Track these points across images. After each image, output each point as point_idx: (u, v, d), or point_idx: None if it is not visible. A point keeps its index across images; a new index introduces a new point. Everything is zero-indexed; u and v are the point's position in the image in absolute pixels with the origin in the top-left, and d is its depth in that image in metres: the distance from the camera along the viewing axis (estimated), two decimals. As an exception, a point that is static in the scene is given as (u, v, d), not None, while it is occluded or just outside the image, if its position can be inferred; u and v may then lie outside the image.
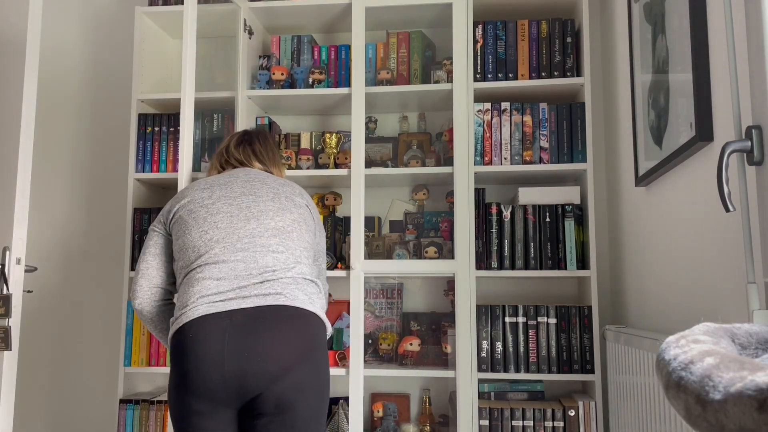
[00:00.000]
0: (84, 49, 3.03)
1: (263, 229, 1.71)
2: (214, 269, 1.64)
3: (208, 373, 1.53)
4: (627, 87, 2.25)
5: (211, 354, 1.53)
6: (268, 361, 1.53)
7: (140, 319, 1.98)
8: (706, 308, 1.52)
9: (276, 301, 1.60)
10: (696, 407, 0.60)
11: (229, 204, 1.74)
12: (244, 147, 1.98)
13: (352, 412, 2.32)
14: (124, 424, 2.46)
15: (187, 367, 1.55)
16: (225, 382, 1.53)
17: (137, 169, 2.62)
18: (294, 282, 1.66)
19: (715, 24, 1.45)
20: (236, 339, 1.54)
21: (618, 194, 2.42)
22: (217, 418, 1.56)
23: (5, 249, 1.84)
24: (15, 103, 1.91)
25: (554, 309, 2.34)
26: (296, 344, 1.57)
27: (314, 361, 1.60)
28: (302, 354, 1.57)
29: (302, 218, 1.80)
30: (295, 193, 1.85)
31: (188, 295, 1.63)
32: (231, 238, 1.68)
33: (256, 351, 1.53)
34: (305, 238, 1.78)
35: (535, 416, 2.27)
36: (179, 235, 1.74)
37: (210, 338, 1.54)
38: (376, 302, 2.62)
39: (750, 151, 1.22)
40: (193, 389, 1.54)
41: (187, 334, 1.57)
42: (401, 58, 2.62)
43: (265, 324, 1.56)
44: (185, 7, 2.20)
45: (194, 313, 1.59)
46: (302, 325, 1.60)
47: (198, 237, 1.70)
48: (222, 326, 1.55)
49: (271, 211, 1.75)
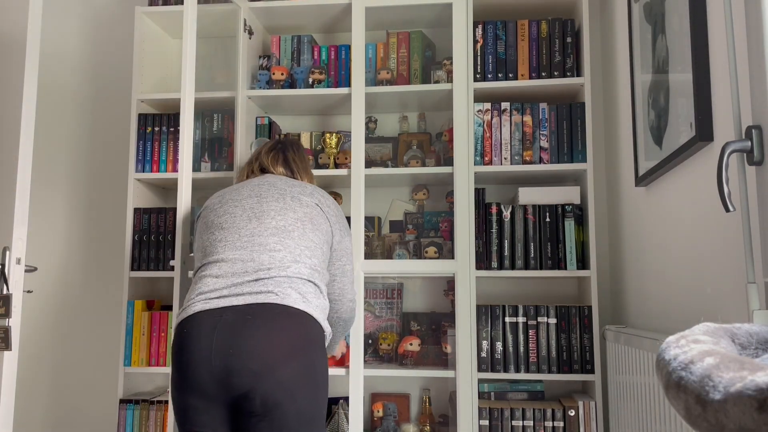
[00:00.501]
0: (84, 49, 3.03)
1: (263, 228, 1.72)
2: (215, 267, 1.68)
3: (198, 369, 1.55)
4: (627, 87, 2.25)
5: (201, 350, 1.55)
6: (252, 358, 1.52)
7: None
8: (706, 308, 1.52)
9: (267, 299, 1.60)
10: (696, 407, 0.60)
11: (234, 206, 1.78)
12: (275, 153, 2.02)
13: (352, 412, 2.32)
14: (124, 424, 2.46)
15: (181, 362, 1.58)
16: (212, 378, 1.54)
17: (137, 169, 2.62)
18: (288, 281, 1.65)
19: (715, 24, 1.45)
20: (223, 336, 1.55)
21: (618, 194, 2.42)
22: (210, 414, 1.57)
23: (5, 249, 1.84)
24: (15, 103, 1.91)
25: (554, 309, 2.34)
26: (283, 343, 1.55)
27: (304, 361, 1.58)
28: (290, 353, 1.56)
29: (308, 217, 1.78)
30: (305, 192, 1.83)
31: (191, 292, 1.69)
32: (232, 237, 1.71)
33: (241, 348, 1.53)
34: (309, 236, 1.76)
35: (535, 416, 2.27)
36: (196, 239, 1.85)
37: (201, 335, 1.56)
38: (376, 302, 2.62)
39: (750, 151, 1.21)
40: (186, 385, 1.57)
41: (182, 330, 1.61)
42: (401, 58, 2.62)
43: (253, 321, 1.56)
44: (185, 7, 2.20)
45: (191, 309, 1.62)
46: (291, 323, 1.59)
47: (206, 238, 1.77)
48: (213, 323, 1.57)
49: (273, 210, 1.75)
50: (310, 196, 1.83)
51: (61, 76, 3.03)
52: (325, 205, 1.85)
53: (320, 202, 1.85)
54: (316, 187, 1.90)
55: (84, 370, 2.88)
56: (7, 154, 1.90)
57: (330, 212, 1.86)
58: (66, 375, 2.88)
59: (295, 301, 1.63)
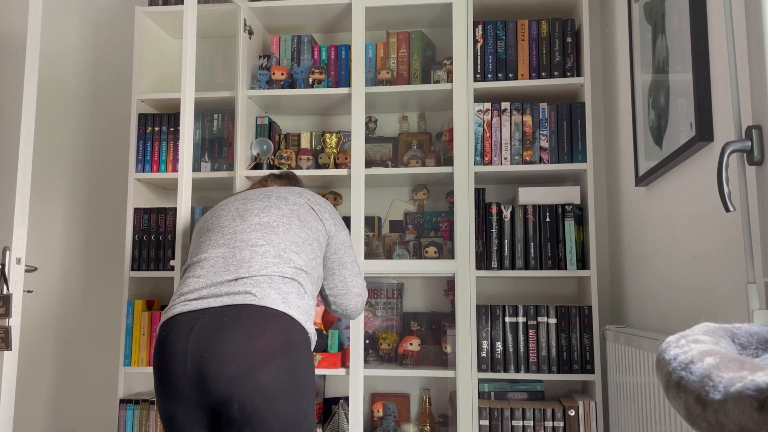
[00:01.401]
0: (84, 49, 3.03)
1: (246, 226, 1.69)
2: (197, 267, 1.66)
3: (174, 373, 1.51)
4: (627, 87, 2.25)
5: (177, 354, 1.51)
6: (227, 361, 1.46)
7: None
8: (706, 308, 1.52)
9: (244, 300, 1.54)
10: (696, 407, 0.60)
11: (221, 210, 1.80)
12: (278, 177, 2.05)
13: (352, 412, 2.32)
14: (124, 424, 2.46)
15: (160, 367, 1.55)
16: (188, 383, 1.50)
17: (137, 169, 2.62)
18: (268, 280, 1.59)
19: (715, 24, 1.45)
20: (198, 339, 1.50)
21: (618, 194, 2.42)
22: (190, 419, 1.53)
23: (5, 249, 1.84)
24: (15, 103, 1.91)
25: (554, 309, 2.34)
26: (261, 346, 1.48)
27: (283, 365, 1.50)
28: (268, 356, 1.48)
29: (294, 214, 1.73)
30: (294, 193, 1.81)
31: (173, 295, 1.68)
32: (215, 236, 1.71)
33: (216, 351, 1.47)
34: (295, 232, 1.70)
35: (535, 416, 2.27)
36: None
37: (178, 338, 1.53)
38: (376, 302, 2.62)
39: (750, 151, 1.21)
40: (165, 390, 1.54)
41: (162, 333, 1.59)
42: (401, 58, 2.62)
43: (228, 323, 1.50)
44: (185, 7, 2.20)
45: (171, 312, 1.60)
46: (270, 325, 1.52)
47: (194, 245, 1.78)
48: (189, 326, 1.53)
49: (257, 208, 1.74)
50: (298, 195, 1.80)
51: (61, 76, 3.03)
52: (315, 203, 1.81)
53: (309, 200, 1.80)
54: (306, 190, 1.86)
55: (84, 370, 2.88)
56: (7, 154, 1.90)
57: (321, 209, 1.80)
58: (66, 375, 2.88)
59: (274, 302, 1.56)
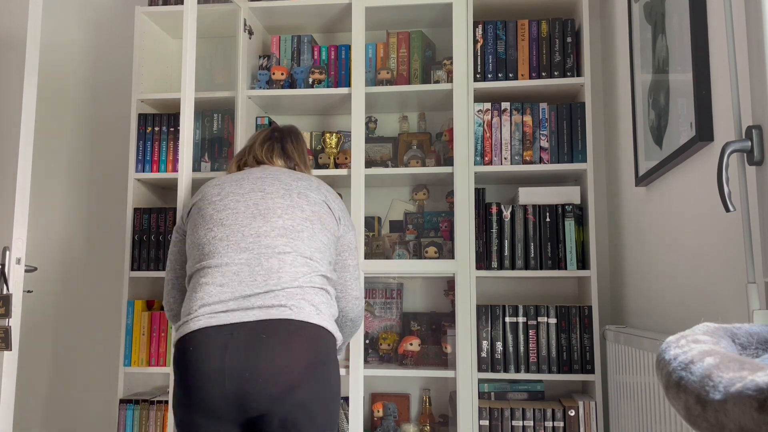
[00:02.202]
0: (84, 49, 3.03)
1: (269, 228, 1.62)
2: (218, 273, 1.59)
3: (209, 391, 1.48)
4: (627, 87, 2.25)
5: (211, 372, 1.48)
6: (270, 381, 1.47)
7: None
8: (706, 308, 1.52)
9: (280, 314, 1.52)
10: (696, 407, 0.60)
11: (236, 201, 1.68)
12: (271, 144, 1.91)
13: (352, 412, 2.32)
14: (124, 424, 2.46)
15: (188, 382, 1.51)
16: (225, 401, 1.48)
17: (137, 169, 2.62)
18: (301, 291, 1.57)
19: (715, 24, 1.45)
20: (237, 357, 1.48)
21: (618, 194, 2.42)
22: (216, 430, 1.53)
23: (5, 249, 1.84)
24: (15, 103, 1.91)
25: (554, 309, 2.34)
26: (300, 362, 1.50)
27: (320, 378, 1.53)
28: (307, 372, 1.50)
29: (316, 216, 1.68)
30: (311, 188, 1.74)
31: (191, 301, 1.60)
32: (235, 236, 1.62)
33: (257, 371, 1.47)
34: (319, 237, 1.67)
35: (535, 416, 2.27)
36: (190, 233, 1.72)
37: (211, 355, 1.49)
38: (376, 302, 2.62)
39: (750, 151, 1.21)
40: (195, 405, 1.51)
41: (188, 346, 1.53)
42: (401, 58, 2.62)
43: (267, 341, 1.49)
44: (185, 7, 2.20)
45: (195, 324, 1.54)
46: (307, 340, 1.52)
47: (203, 235, 1.66)
48: (223, 342, 1.49)
49: (279, 208, 1.65)
50: (317, 191, 1.74)
51: (61, 76, 3.03)
52: (332, 201, 1.77)
53: (327, 198, 1.76)
54: (321, 181, 1.81)
55: (84, 370, 2.88)
56: (7, 154, 1.90)
57: (336, 208, 1.77)
58: (66, 375, 2.88)
59: (309, 315, 1.55)
